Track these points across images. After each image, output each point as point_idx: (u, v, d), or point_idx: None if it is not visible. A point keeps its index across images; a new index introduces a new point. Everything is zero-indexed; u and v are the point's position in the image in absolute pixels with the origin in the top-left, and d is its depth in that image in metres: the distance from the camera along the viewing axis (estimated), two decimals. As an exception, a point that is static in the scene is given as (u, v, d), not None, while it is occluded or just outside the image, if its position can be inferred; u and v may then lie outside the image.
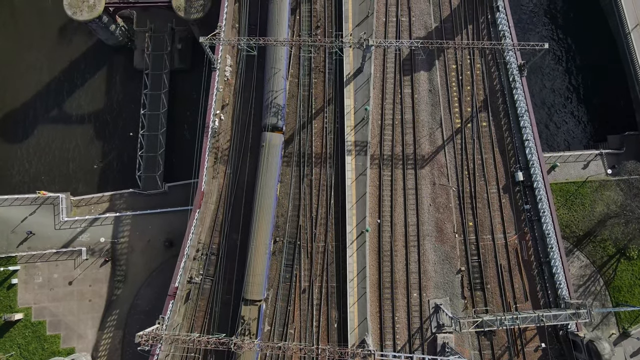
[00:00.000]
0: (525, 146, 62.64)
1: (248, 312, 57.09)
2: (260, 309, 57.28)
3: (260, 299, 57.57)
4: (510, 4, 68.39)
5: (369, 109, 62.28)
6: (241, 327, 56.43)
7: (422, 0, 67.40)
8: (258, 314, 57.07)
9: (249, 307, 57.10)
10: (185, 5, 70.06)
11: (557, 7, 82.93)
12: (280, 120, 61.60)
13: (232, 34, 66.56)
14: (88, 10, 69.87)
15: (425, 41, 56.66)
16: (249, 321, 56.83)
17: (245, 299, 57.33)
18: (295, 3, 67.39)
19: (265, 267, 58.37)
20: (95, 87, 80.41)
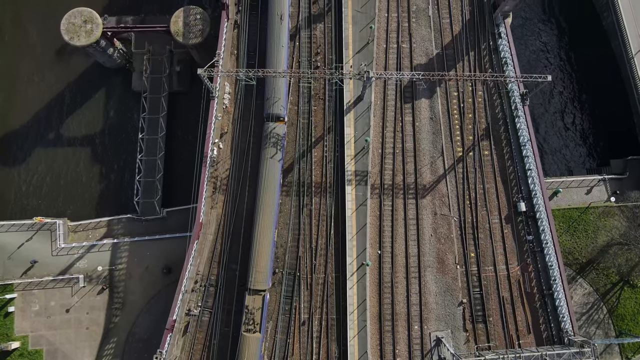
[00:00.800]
0: (528, 176, 61.85)
1: (252, 302, 56.83)
2: (264, 298, 57.13)
3: (264, 288, 57.15)
4: (512, 29, 67.75)
5: (369, 140, 61.51)
6: (245, 317, 56.25)
7: (423, 27, 66.62)
8: (262, 303, 56.88)
9: (253, 296, 56.93)
10: (183, 31, 69.28)
11: (559, 30, 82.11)
12: (282, 110, 61.38)
13: (231, 61, 65.79)
14: (85, 36, 69.10)
15: (427, 74, 55.89)
16: (253, 311, 56.41)
17: (250, 289, 57.02)
18: (294, 29, 66.64)
19: (270, 255, 58.10)
20: (92, 110, 79.58)
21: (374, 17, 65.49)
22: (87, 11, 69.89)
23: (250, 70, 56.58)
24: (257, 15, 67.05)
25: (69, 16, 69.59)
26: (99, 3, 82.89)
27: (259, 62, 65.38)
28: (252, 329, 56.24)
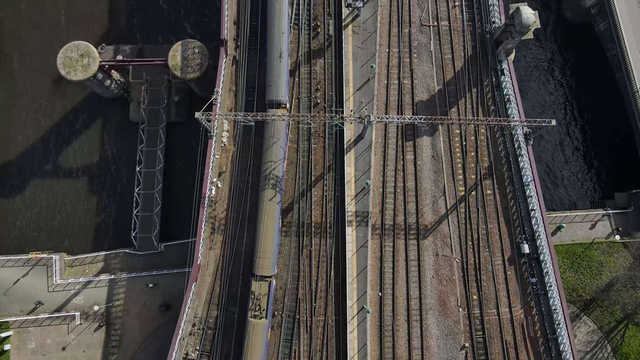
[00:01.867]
0: (532, 216, 60.80)
1: (258, 288, 57.26)
2: (270, 285, 57.52)
3: (270, 274, 57.68)
4: (514, 62, 66.76)
5: (369, 182, 60.46)
6: (252, 303, 56.73)
7: (424, 62, 65.56)
8: (268, 290, 57.27)
9: (259, 282, 57.54)
10: (181, 65, 68.25)
11: (562, 62, 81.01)
12: (284, 97, 61.74)
13: (230, 98, 64.76)
14: (82, 70, 68.10)
15: (429, 117, 54.85)
16: (259, 297, 56.92)
17: (255, 275, 57.54)
18: (294, 65, 65.60)
19: (275, 242, 58.41)
20: (90, 141, 78.60)
21: (374, 53, 64.43)
22: (84, 45, 68.88)
23: (248, 114, 55.55)
24: (256, 51, 66.03)
25: (65, 50, 68.58)
26: (96, 31, 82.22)
27: (258, 99, 64.43)
28: (259, 314, 57.00)
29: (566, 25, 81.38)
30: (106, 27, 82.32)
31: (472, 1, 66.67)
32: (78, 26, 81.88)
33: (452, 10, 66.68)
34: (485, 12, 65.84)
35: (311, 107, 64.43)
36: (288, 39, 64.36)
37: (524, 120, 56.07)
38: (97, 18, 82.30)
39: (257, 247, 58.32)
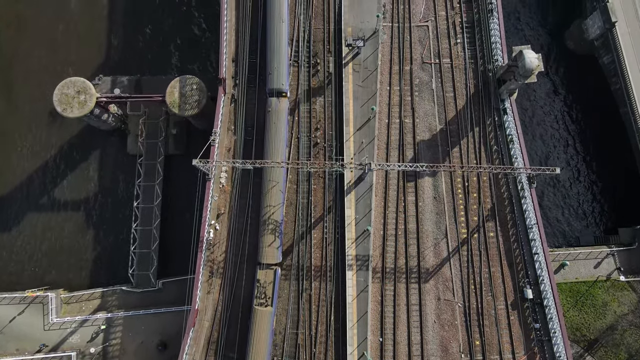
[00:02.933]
0: (535, 260, 59.75)
1: (264, 276, 57.68)
2: (275, 272, 57.91)
3: (275, 262, 58.15)
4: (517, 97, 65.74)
5: (370, 228, 59.44)
6: (257, 291, 57.23)
7: (426, 101, 64.58)
8: (274, 277, 57.69)
9: (265, 271, 57.96)
10: (179, 102, 67.30)
11: (563, 93, 79.93)
12: (285, 85, 61.98)
13: (228, 137, 63.77)
14: (79, 107, 67.16)
15: (430, 165, 53.89)
16: (265, 284, 57.40)
17: (261, 263, 58.07)
18: (293, 103, 64.64)
19: (279, 229, 58.85)
20: (87, 174, 77.63)
21: (375, 92, 63.43)
22: (80, 81, 67.94)
23: (246, 161, 54.60)
24: (255, 89, 65.05)
25: (61, 86, 67.65)
26: (94, 61, 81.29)
27: (257, 138, 63.49)
28: (264, 302, 57.32)
29: (569, 56, 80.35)
30: (103, 57, 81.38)
31: (474, 38, 65.66)
32: (75, 56, 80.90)
33: (454, 47, 65.70)
34: (487, 50, 64.82)
35: (311, 147, 63.44)
36: (288, 75, 63.50)
37: (528, 168, 54.96)
38: (95, 48, 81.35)
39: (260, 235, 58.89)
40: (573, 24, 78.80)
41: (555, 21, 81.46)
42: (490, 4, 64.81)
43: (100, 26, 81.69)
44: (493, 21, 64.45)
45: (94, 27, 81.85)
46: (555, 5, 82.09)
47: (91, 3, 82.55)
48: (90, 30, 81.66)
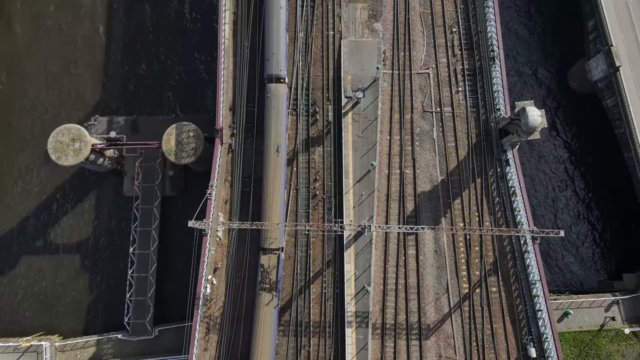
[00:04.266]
0: (538, 317, 58.55)
1: (267, 261, 57.95)
2: (279, 257, 58.14)
3: (278, 247, 58.26)
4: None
5: (370, 289, 58.23)
6: (261, 276, 57.39)
7: (427, 151, 63.43)
8: (277, 262, 58.00)
9: (268, 255, 58.29)
10: (175, 150, 66.10)
11: (565, 134, 78.60)
12: (283, 70, 62.08)
13: (225, 189, 62.64)
14: (73, 155, 65.97)
15: (433, 227, 52.70)
16: (269, 269, 57.67)
17: (264, 248, 58.35)
18: (292, 153, 63.50)
19: (282, 217, 58.91)
20: (82, 217, 76.33)
21: (375, 142, 62.26)
22: (75, 128, 66.76)
23: (243, 222, 53.44)
24: (252, 138, 63.94)
25: (56, 134, 66.47)
26: (90, 100, 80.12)
27: (255, 189, 62.37)
28: (268, 287, 57.59)
29: (571, 96, 79.14)
30: (99, 96, 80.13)
31: (476, 86, 64.51)
32: (71, 96, 79.77)
33: (455, 95, 64.58)
34: (489, 99, 63.66)
35: (309, 199, 62.32)
36: (286, 126, 62.46)
37: (531, 231, 53.81)
38: (91, 87, 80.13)
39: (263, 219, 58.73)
40: (576, 63, 77.60)
41: (557, 60, 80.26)
42: (492, 51, 63.68)
43: (97, 66, 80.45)
44: (495, 69, 63.33)
45: (91, 67, 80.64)
46: (556, 44, 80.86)
47: (87, 44, 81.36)
48: (87, 70, 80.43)
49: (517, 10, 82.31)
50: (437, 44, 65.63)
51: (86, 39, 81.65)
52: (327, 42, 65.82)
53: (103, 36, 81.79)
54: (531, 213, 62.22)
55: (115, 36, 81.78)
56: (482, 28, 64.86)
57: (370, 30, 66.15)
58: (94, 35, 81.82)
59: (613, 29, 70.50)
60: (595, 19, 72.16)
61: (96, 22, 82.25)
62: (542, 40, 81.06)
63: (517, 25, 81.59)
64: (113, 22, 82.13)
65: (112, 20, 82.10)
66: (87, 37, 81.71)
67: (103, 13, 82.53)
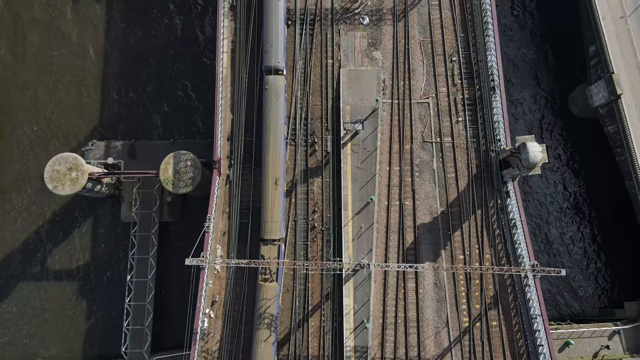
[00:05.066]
0: (539, 352, 57.90)
1: (268, 252, 58.08)
2: (279, 248, 58.20)
3: (278, 237, 58.39)
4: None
5: (368, 326, 57.62)
6: (261, 267, 57.15)
7: (426, 182, 62.85)
8: (278, 253, 58.19)
9: (269, 246, 58.37)
10: (173, 179, 65.53)
11: (566, 160, 78.07)
12: (281, 62, 61.92)
13: (223, 221, 62.07)
14: (70, 185, 65.40)
15: (434, 265, 52.14)
16: (269, 260, 57.72)
17: (264, 239, 58.43)
18: (290, 184, 62.94)
19: (282, 208, 59.09)
20: (79, 241, 75.91)
21: (374, 174, 61.67)
22: (72, 157, 66.19)
23: (241, 261, 52.90)
24: (250, 169, 63.37)
25: (52, 163, 65.90)
26: (87, 124, 79.65)
27: (253, 221, 61.83)
28: (269, 277, 57.47)
29: (572, 120, 78.61)
30: (97, 120, 79.68)
31: (476, 116, 63.93)
32: (68, 120, 79.30)
33: (455, 125, 64.01)
34: (490, 129, 63.08)
35: (308, 230, 61.76)
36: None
37: (533, 269, 53.26)
38: (88, 111, 79.68)
39: (263, 210, 59.31)
40: (577, 88, 77.04)
41: (558, 84, 79.70)
42: (492, 81, 63.11)
43: (94, 90, 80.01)
44: (495, 99, 62.74)
45: (88, 91, 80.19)
46: (557, 68, 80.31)
47: (83, 67, 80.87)
48: (84, 94, 79.99)
49: (517, 31, 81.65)
50: (437, 73, 65.08)
51: (81, 63, 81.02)
52: (326, 70, 65.28)
53: (98, 61, 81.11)
54: (531, 243, 61.66)
55: (110, 62, 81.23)
56: (483, 57, 64.26)
57: (369, 59, 65.62)
58: (88, 60, 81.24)
59: (614, 56, 69.93)
60: (596, 44, 71.60)
61: (90, 48, 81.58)
62: (542, 64, 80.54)
63: (517, 47, 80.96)
64: (107, 47, 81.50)
65: (106, 45, 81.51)
66: (82, 62, 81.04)
67: (98, 38, 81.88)
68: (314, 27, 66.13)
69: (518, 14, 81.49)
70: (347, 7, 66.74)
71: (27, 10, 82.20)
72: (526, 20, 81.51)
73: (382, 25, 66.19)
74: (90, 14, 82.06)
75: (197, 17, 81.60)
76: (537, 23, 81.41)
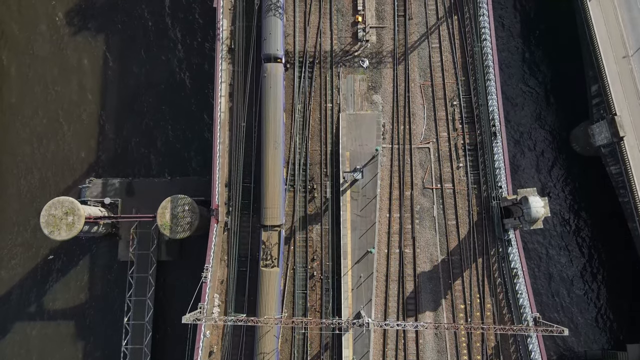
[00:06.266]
0: (542, 407, 57.20)
1: (268, 238, 58.47)
2: (280, 234, 58.67)
3: (279, 224, 58.76)
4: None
5: (367, 383, 57.05)
6: (263, 253, 57.88)
7: (427, 229, 62.08)
8: (279, 238, 58.41)
9: (269, 232, 58.73)
10: (170, 224, 64.78)
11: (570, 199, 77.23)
12: (280, 50, 61.74)
13: (221, 269, 61.34)
14: (67, 230, 64.66)
15: (435, 323, 51.43)
16: (270, 246, 58.04)
17: (265, 225, 58.68)
18: (289, 231, 62.19)
19: (282, 193, 59.23)
20: (75, 281, 75.20)
21: (374, 222, 60.93)
22: (69, 202, 65.42)
23: (239, 317, 52.19)
24: (248, 215, 62.63)
25: (49, 207, 65.05)
26: (84, 163, 78.92)
27: (251, 269, 61.13)
28: (270, 263, 57.93)
29: (573, 157, 77.72)
30: (94, 156, 78.96)
31: (477, 162, 63.12)
32: (65, 157, 78.62)
33: (456, 171, 63.20)
34: (491, 175, 62.25)
35: (307, 279, 61.05)
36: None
37: (535, 329, 52.49)
38: (85, 148, 78.97)
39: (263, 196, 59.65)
40: (579, 125, 76.23)
41: (559, 121, 78.80)
42: (493, 126, 62.32)
43: (91, 127, 79.32)
44: (497, 144, 61.93)
45: (85, 127, 79.53)
46: (558, 105, 79.31)
47: (80, 103, 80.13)
48: (80, 131, 79.30)
49: (517, 67, 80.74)
50: (437, 117, 64.28)
51: (78, 100, 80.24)
52: (325, 115, 64.51)
53: (94, 98, 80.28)
54: (531, 285, 60.83)
55: (107, 98, 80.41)
56: (483, 101, 63.44)
57: (369, 103, 64.86)
58: (85, 97, 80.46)
59: (617, 97, 69.05)
60: (598, 84, 70.75)
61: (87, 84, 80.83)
62: (543, 100, 79.59)
63: (517, 82, 80.00)
64: (104, 84, 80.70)
65: (103, 82, 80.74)
66: (80, 99, 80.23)
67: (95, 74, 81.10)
68: (313, 70, 65.36)
69: (518, 48, 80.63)
70: (346, 50, 65.99)
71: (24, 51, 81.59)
72: (527, 56, 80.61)
73: (382, 68, 65.43)
74: (87, 50, 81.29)
75: (196, 55, 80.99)
76: (539, 59, 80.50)
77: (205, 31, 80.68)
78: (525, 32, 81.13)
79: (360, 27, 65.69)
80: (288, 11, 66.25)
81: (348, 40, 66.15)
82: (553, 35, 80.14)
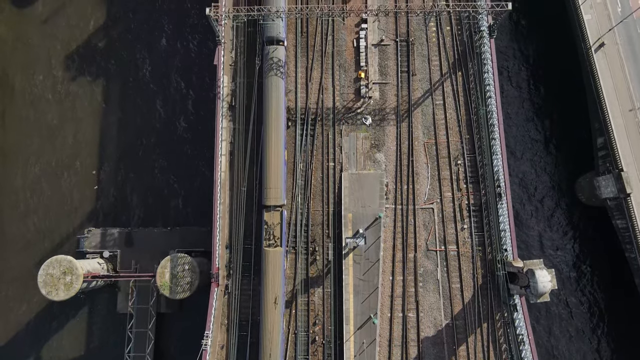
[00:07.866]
0: None
1: (271, 218, 58.27)
2: (282, 214, 58.61)
3: (280, 204, 58.66)
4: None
5: None
6: (265, 233, 57.89)
7: (431, 293, 61.00)
8: (281, 218, 58.37)
9: (271, 212, 58.55)
10: (170, 284, 63.87)
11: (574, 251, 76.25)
12: (282, 33, 61.58)
13: (221, 334, 60.32)
14: (65, 290, 63.71)
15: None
16: (272, 226, 57.95)
17: (266, 205, 58.51)
18: (290, 294, 61.14)
19: (283, 174, 59.22)
20: (73, 333, 74.20)
21: (377, 286, 59.85)
22: (67, 261, 64.44)
23: None
24: (249, 278, 61.59)
25: (46, 266, 64.12)
26: (83, 209, 77.96)
27: (252, 333, 60.12)
28: (273, 243, 57.85)
29: (579, 207, 76.67)
30: (93, 205, 78.01)
31: (482, 223, 62.08)
32: (63, 206, 77.67)
33: (460, 233, 62.15)
34: (496, 237, 61.17)
35: (309, 344, 60.01)
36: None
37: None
38: (84, 198, 78.06)
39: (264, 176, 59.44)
40: (585, 175, 75.12)
41: (564, 171, 77.71)
42: (498, 187, 61.26)
43: (88, 177, 78.40)
44: (502, 206, 60.86)
45: (82, 174, 78.61)
46: (563, 155, 78.10)
47: (76, 153, 79.19)
48: (79, 180, 78.38)
49: (520, 113, 79.70)
50: (441, 177, 63.21)
51: (75, 152, 79.29)
52: (327, 174, 63.46)
53: (92, 148, 79.26)
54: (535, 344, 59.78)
55: (105, 148, 79.39)
56: (488, 161, 62.38)
57: (372, 161, 63.81)
58: (86, 141, 79.60)
59: (623, 152, 68.02)
60: (604, 137, 69.71)
61: (88, 127, 79.97)
62: (548, 149, 78.38)
63: (521, 133, 79.01)
64: (102, 133, 79.72)
65: (101, 131, 79.76)
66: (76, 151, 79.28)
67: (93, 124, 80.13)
68: (314, 128, 64.35)
69: (522, 97, 79.56)
70: (349, 107, 64.98)
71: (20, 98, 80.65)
72: (531, 104, 79.57)
73: (385, 126, 64.41)
74: (83, 100, 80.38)
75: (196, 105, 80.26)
76: (543, 108, 79.37)
77: (204, 81, 79.83)
78: (529, 81, 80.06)
79: (363, 84, 64.68)
80: (290, 66, 65.27)
81: (351, 97, 65.15)
82: (558, 84, 79.07)
